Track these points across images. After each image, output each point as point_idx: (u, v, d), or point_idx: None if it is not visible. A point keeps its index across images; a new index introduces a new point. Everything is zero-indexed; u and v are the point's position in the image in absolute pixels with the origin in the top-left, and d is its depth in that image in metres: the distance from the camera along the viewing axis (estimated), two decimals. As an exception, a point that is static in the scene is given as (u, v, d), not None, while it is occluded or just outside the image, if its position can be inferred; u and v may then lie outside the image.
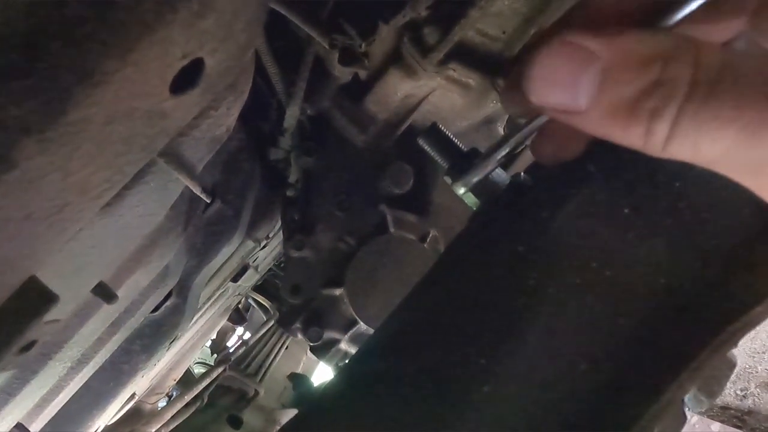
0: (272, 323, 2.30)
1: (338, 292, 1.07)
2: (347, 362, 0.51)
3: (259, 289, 2.31)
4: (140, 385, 1.33)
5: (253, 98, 0.64)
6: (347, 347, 1.14)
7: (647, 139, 0.24)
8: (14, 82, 0.28)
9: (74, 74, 0.30)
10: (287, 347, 2.68)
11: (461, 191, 0.39)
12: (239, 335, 3.04)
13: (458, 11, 0.82)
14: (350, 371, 0.41)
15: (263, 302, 2.33)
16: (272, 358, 2.58)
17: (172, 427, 1.84)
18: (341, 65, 0.93)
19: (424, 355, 0.35)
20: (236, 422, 2.27)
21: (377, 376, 0.36)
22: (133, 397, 1.45)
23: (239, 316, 2.64)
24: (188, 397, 1.85)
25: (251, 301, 2.50)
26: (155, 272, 0.87)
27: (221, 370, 1.99)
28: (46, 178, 0.34)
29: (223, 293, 1.67)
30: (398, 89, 0.99)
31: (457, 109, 1.01)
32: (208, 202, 1.08)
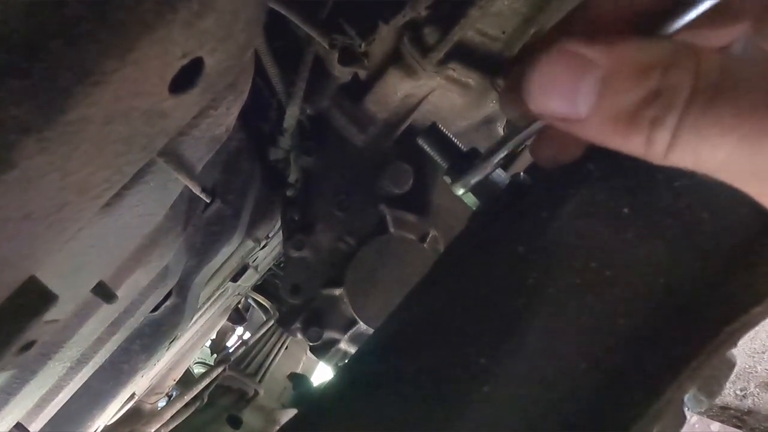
0: (272, 323, 2.30)
1: (338, 292, 1.07)
2: (347, 362, 0.51)
3: (258, 289, 2.31)
4: (140, 384, 1.33)
5: (252, 98, 0.64)
6: (347, 347, 1.14)
7: (648, 147, 0.24)
8: (14, 81, 0.28)
9: (74, 74, 0.30)
10: (287, 347, 2.68)
11: (460, 192, 0.39)
12: (239, 335, 3.04)
13: (458, 11, 0.82)
14: (350, 371, 0.40)
15: (263, 302, 2.33)
16: (272, 358, 2.59)
17: (171, 427, 1.84)
18: (341, 65, 0.93)
19: (424, 355, 0.35)
20: (236, 422, 2.27)
21: (377, 376, 0.36)
22: (132, 396, 1.45)
23: (239, 316, 2.64)
24: (188, 397, 1.85)
25: (251, 301, 2.50)
26: (155, 272, 0.87)
27: (221, 370, 1.99)
28: (45, 177, 0.34)
29: (222, 293, 1.67)
30: (398, 89, 0.99)
31: (456, 108, 1.01)
32: (207, 201, 1.08)
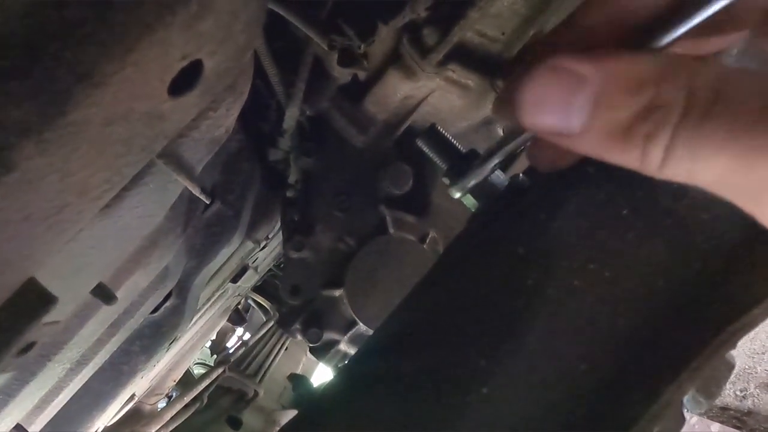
0: (272, 324, 2.30)
1: (338, 292, 1.07)
2: (347, 363, 0.51)
3: (258, 289, 2.31)
4: (140, 385, 1.33)
5: (252, 99, 0.64)
6: (347, 348, 1.14)
7: (643, 161, 0.24)
8: (14, 82, 0.28)
9: (73, 75, 0.30)
10: (287, 348, 2.68)
11: (457, 195, 0.39)
12: (239, 336, 3.04)
13: (457, 12, 0.82)
14: (350, 372, 0.41)
15: (263, 303, 2.33)
16: (272, 358, 2.59)
17: (171, 428, 1.84)
18: (340, 66, 0.93)
19: (423, 355, 0.35)
20: (236, 423, 2.27)
21: (377, 376, 0.36)
22: (132, 397, 1.44)
23: (239, 316, 2.64)
24: (188, 397, 1.85)
25: (251, 301, 2.50)
26: (155, 273, 0.87)
27: (221, 370, 1.99)
28: (45, 179, 0.34)
29: (222, 294, 1.67)
30: (397, 90, 0.99)
31: (456, 110, 1.01)
32: (207, 203, 1.08)
